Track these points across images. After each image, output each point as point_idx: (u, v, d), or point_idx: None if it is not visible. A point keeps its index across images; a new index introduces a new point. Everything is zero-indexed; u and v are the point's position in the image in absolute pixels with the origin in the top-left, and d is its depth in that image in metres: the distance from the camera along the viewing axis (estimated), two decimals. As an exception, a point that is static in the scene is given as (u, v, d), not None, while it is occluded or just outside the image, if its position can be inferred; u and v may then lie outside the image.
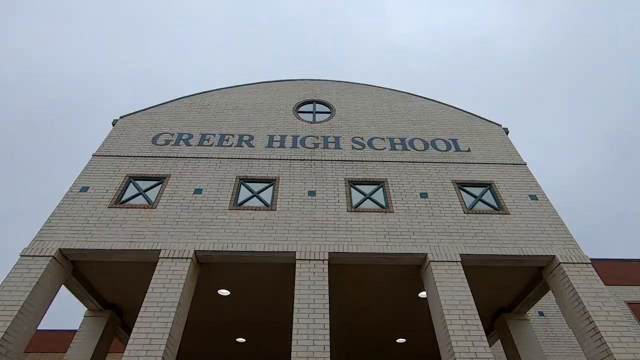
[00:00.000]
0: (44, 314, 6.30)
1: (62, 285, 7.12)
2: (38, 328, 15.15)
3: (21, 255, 6.50)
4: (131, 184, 8.08)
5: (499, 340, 10.50)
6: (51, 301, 6.47)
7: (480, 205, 7.98)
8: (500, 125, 10.20)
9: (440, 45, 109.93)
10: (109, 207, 7.45)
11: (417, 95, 11.15)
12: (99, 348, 7.60)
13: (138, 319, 5.81)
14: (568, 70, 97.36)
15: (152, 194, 7.88)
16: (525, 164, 8.95)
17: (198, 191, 7.90)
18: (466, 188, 8.34)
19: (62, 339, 14.83)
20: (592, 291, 6.43)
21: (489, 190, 8.32)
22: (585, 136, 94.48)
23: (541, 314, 12.69)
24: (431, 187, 8.26)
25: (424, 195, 8.07)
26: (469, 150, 9.31)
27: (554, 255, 6.96)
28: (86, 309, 8.13)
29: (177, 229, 7.14)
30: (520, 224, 7.54)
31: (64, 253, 6.75)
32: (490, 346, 8.30)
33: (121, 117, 9.85)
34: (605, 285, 9.71)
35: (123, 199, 7.73)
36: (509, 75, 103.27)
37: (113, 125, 9.67)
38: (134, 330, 5.69)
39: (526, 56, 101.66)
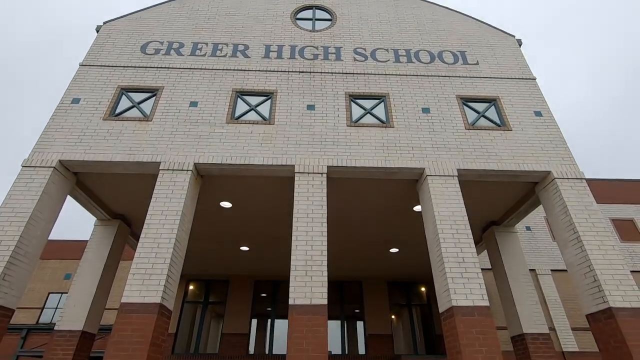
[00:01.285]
0: (55, 220, 6.59)
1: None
2: (58, 238, 16.18)
3: (22, 166, 6.56)
4: (123, 95, 7.80)
5: (485, 251, 11.26)
6: (60, 209, 6.72)
7: (482, 122, 7.82)
8: (514, 36, 9.50)
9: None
10: (103, 120, 7.30)
11: (426, 1, 10.17)
12: (111, 253, 8.15)
13: (145, 226, 6.10)
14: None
15: (146, 107, 7.66)
16: (535, 79, 8.54)
17: (194, 104, 7.66)
18: (470, 104, 8.09)
19: (80, 247, 15.91)
20: (581, 204, 6.65)
21: (493, 106, 8.08)
22: (603, 64, 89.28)
23: (528, 228, 13.41)
24: (434, 102, 8.00)
25: (425, 110, 7.86)
26: (477, 64, 8.80)
27: (550, 171, 7.04)
28: (96, 218, 8.52)
29: (175, 142, 7.09)
30: (520, 140, 7.48)
31: (65, 164, 6.81)
32: (477, 254, 8.91)
33: (104, 23, 9.10)
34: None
35: (117, 111, 7.53)
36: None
37: (97, 32, 8.98)
38: (142, 235, 6.00)
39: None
